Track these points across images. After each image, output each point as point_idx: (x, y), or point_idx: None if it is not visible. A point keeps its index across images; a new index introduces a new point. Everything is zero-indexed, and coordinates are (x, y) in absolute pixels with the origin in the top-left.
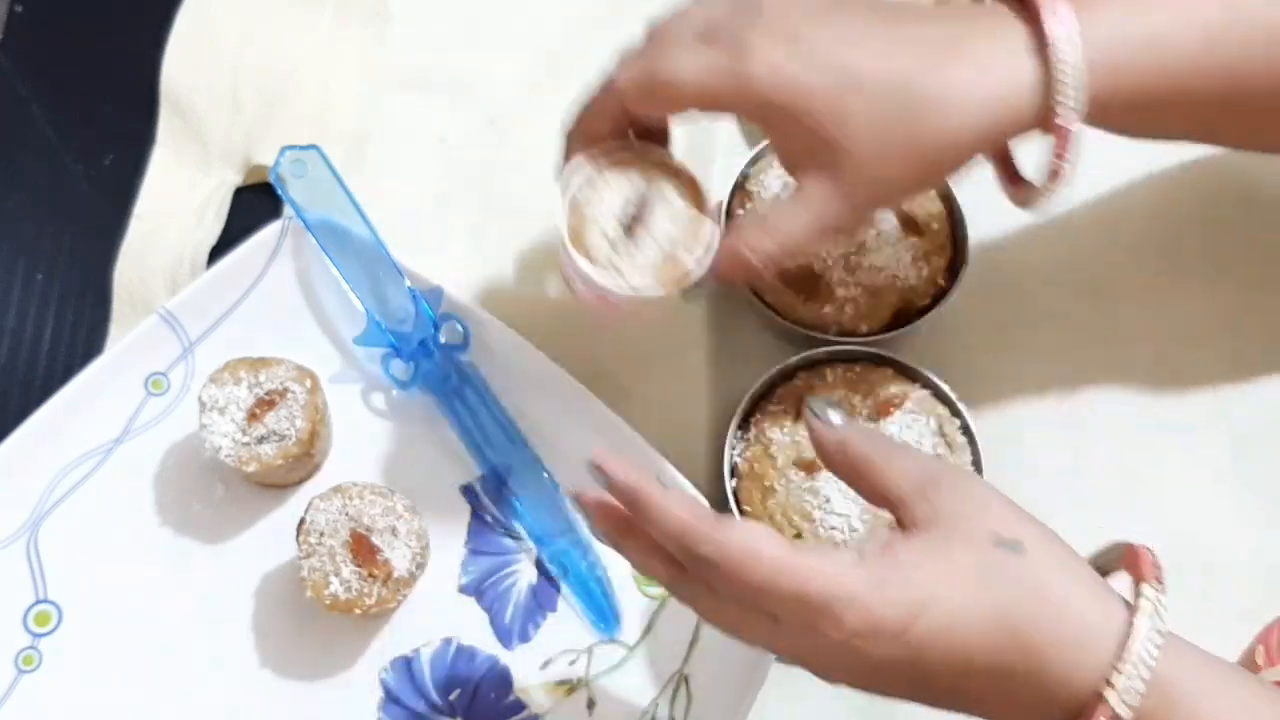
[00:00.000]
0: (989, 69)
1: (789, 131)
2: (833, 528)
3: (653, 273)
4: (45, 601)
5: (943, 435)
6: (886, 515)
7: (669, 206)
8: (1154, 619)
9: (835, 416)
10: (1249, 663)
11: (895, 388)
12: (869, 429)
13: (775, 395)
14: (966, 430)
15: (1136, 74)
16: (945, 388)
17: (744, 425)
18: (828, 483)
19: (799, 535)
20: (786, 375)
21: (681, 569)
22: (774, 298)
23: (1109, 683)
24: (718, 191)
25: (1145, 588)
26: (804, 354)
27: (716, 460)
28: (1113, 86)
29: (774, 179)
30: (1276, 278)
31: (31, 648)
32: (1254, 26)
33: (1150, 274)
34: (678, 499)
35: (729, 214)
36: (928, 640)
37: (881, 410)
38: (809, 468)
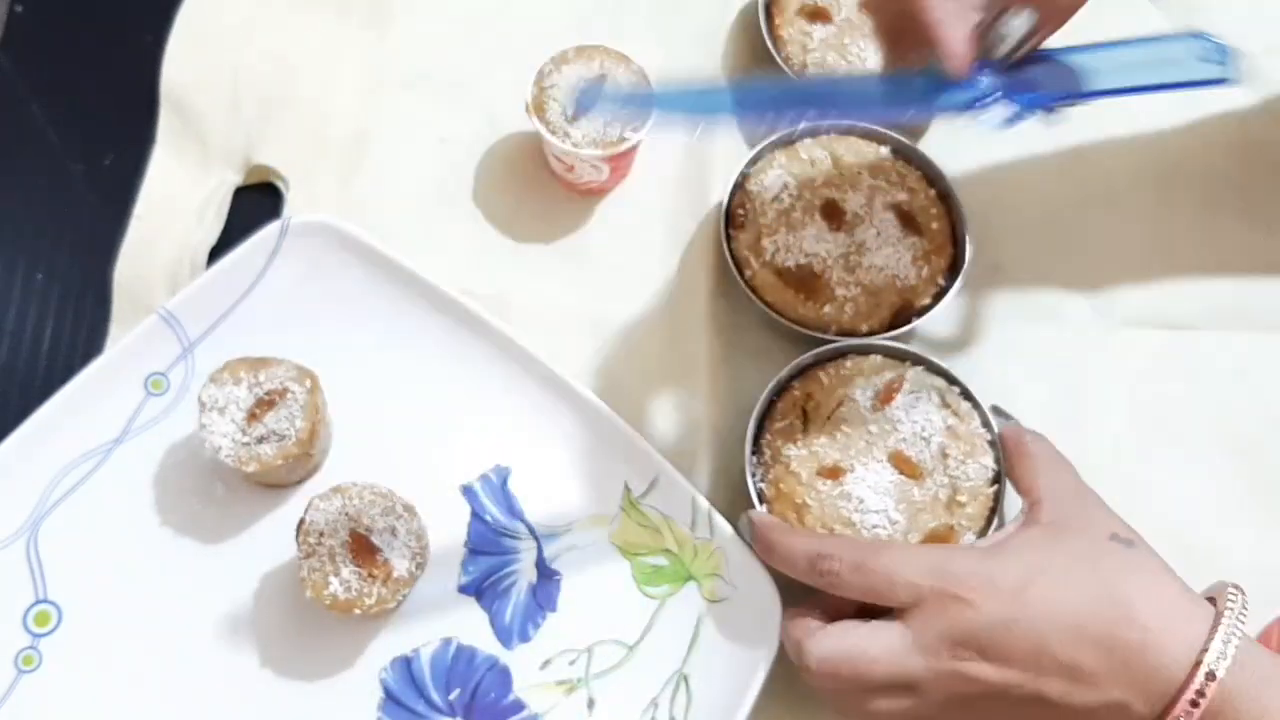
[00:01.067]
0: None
1: None
2: (875, 526)
3: (596, 138)
4: (45, 601)
5: (947, 405)
6: (919, 499)
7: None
8: (1239, 613)
9: (1015, 420)
10: None
11: (889, 372)
12: (1043, 436)
13: (777, 411)
14: (967, 395)
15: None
16: (934, 359)
17: (755, 449)
18: (857, 484)
19: None
20: (781, 388)
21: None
22: (774, 297)
23: (1202, 653)
24: (718, 191)
25: (1229, 589)
26: (793, 362)
27: (719, 461)
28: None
29: (773, 178)
30: (1276, 278)
31: (31, 648)
32: None
33: (1150, 274)
34: (802, 535)
35: (729, 214)
36: (1041, 601)
37: (884, 398)
38: (833, 474)
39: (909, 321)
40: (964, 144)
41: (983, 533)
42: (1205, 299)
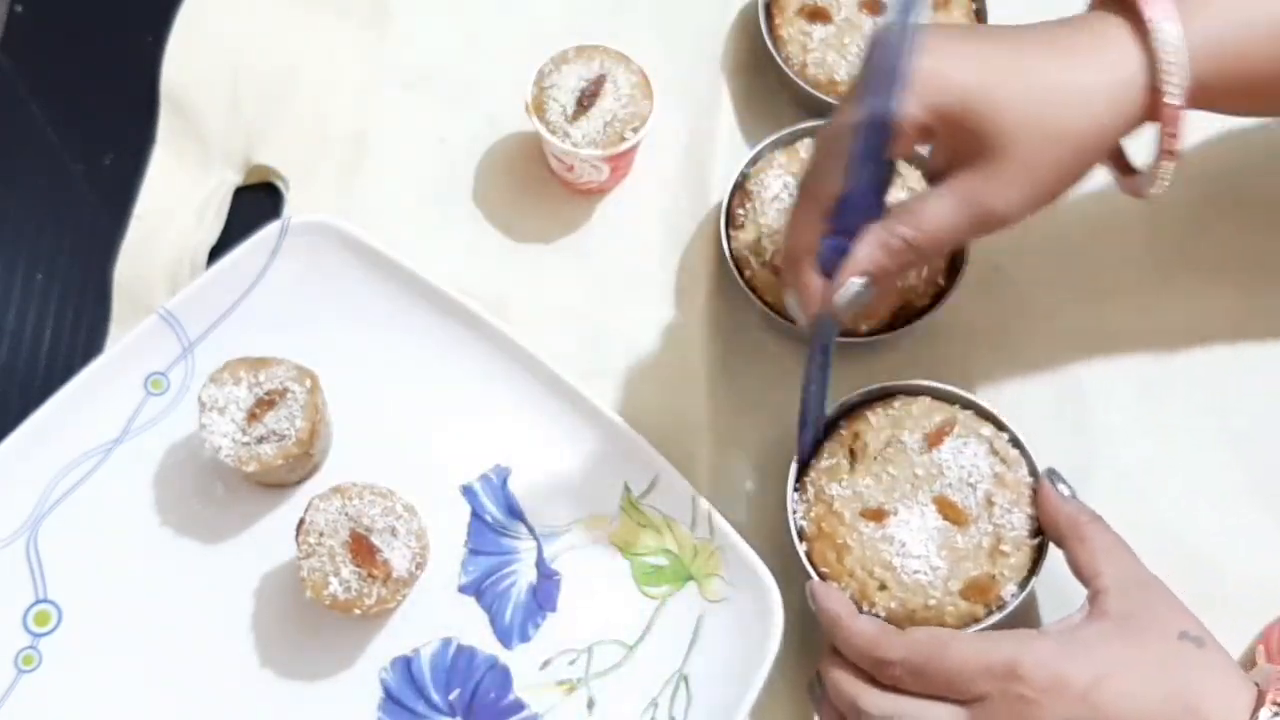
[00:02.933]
0: (1104, 66)
1: (946, 132)
2: (916, 571)
3: (596, 139)
4: (45, 601)
5: (995, 453)
6: (962, 545)
7: (616, 88)
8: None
9: (1066, 489)
10: (1248, 662)
11: (939, 415)
12: (1099, 517)
13: (824, 450)
14: (1016, 443)
15: (1239, 54)
16: (985, 404)
17: (798, 486)
18: (900, 527)
19: (883, 587)
20: (830, 425)
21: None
22: (774, 297)
23: None
24: (718, 191)
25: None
26: (840, 401)
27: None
28: (1217, 68)
29: (773, 178)
30: (1276, 278)
31: (31, 647)
32: None
33: (1149, 275)
34: (866, 621)
35: (729, 214)
36: (1110, 704)
37: (933, 441)
38: (877, 516)
39: (908, 322)
40: None
41: (1024, 584)
42: (1205, 300)
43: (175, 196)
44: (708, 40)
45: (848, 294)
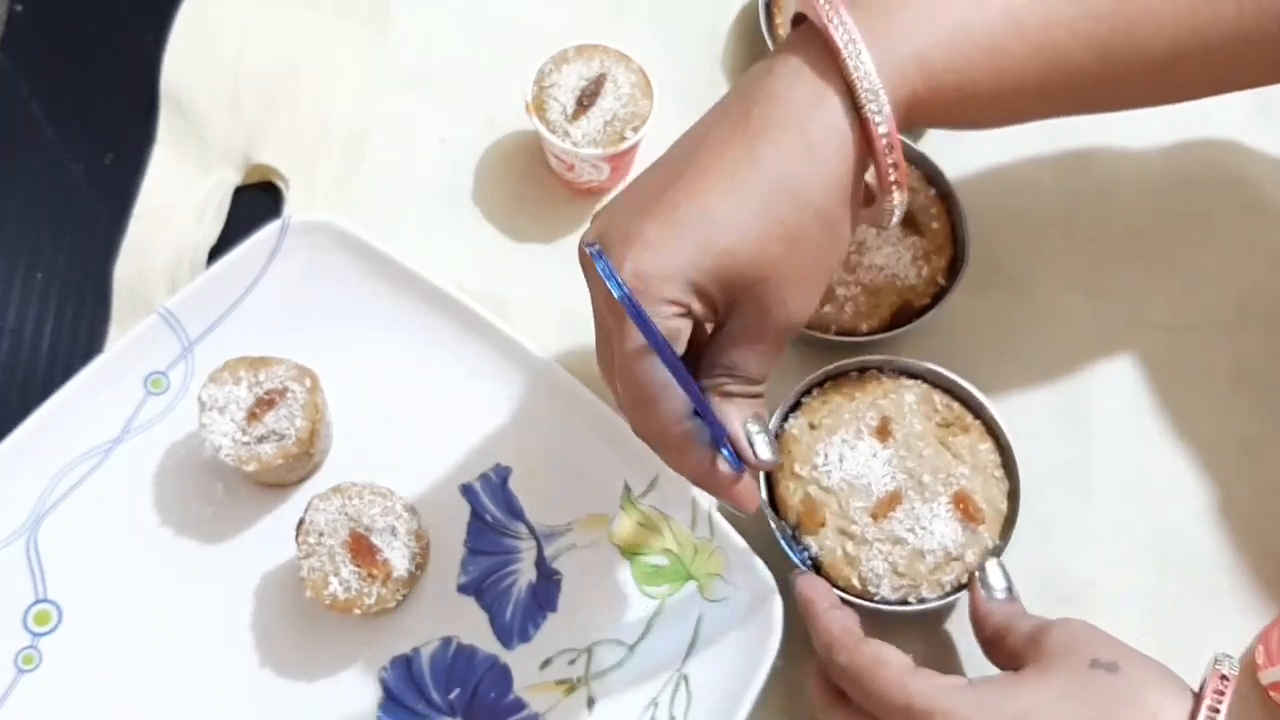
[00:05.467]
0: (805, 126)
1: (707, 298)
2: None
3: (596, 138)
4: (45, 601)
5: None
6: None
7: (616, 88)
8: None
9: (1000, 588)
10: (1249, 663)
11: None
12: (1015, 603)
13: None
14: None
15: (947, 67)
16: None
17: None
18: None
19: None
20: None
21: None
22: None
23: None
24: None
25: (1216, 678)
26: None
27: None
28: (927, 85)
29: None
30: (1278, 277)
31: (31, 647)
32: (1058, 3)
33: (1151, 275)
34: (838, 618)
35: None
36: None
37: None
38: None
39: (909, 321)
40: (964, 144)
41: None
42: (1206, 299)
43: (175, 196)
44: (708, 39)
45: (763, 445)
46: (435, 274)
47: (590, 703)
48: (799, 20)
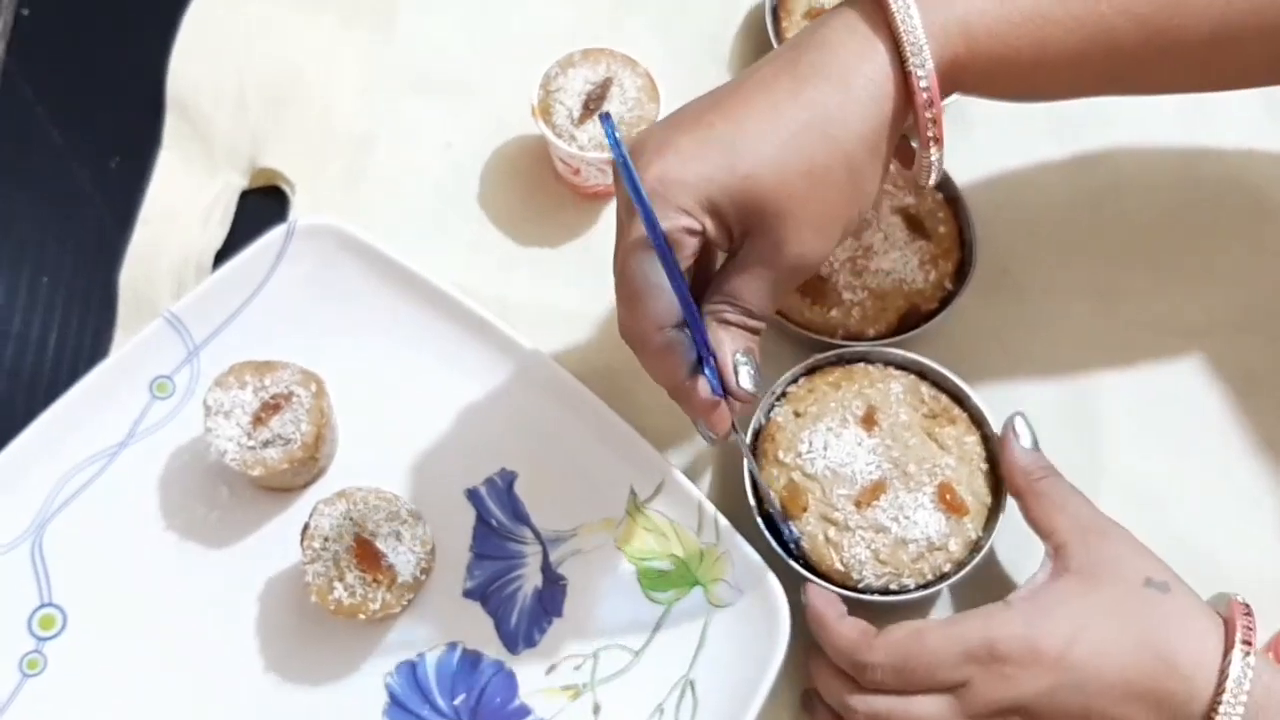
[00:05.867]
0: (849, 71)
1: (721, 221)
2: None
3: (602, 142)
4: (50, 605)
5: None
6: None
7: (622, 91)
8: (1243, 660)
9: (1028, 437)
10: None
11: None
12: (1053, 469)
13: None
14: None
15: (991, 33)
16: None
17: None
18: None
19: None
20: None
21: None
22: (781, 302)
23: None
24: None
25: (1238, 605)
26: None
27: (722, 463)
28: (968, 48)
29: None
30: None
31: (36, 651)
32: None
33: (1158, 278)
34: (850, 624)
35: None
36: (1086, 662)
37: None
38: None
39: (916, 325)
40: (971, 148)
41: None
42: (1214, 303)
43: (181, 200)
44: (714, 43)
45: (746, 376)
46: (440, 278)
47: (596, 709)
48: None
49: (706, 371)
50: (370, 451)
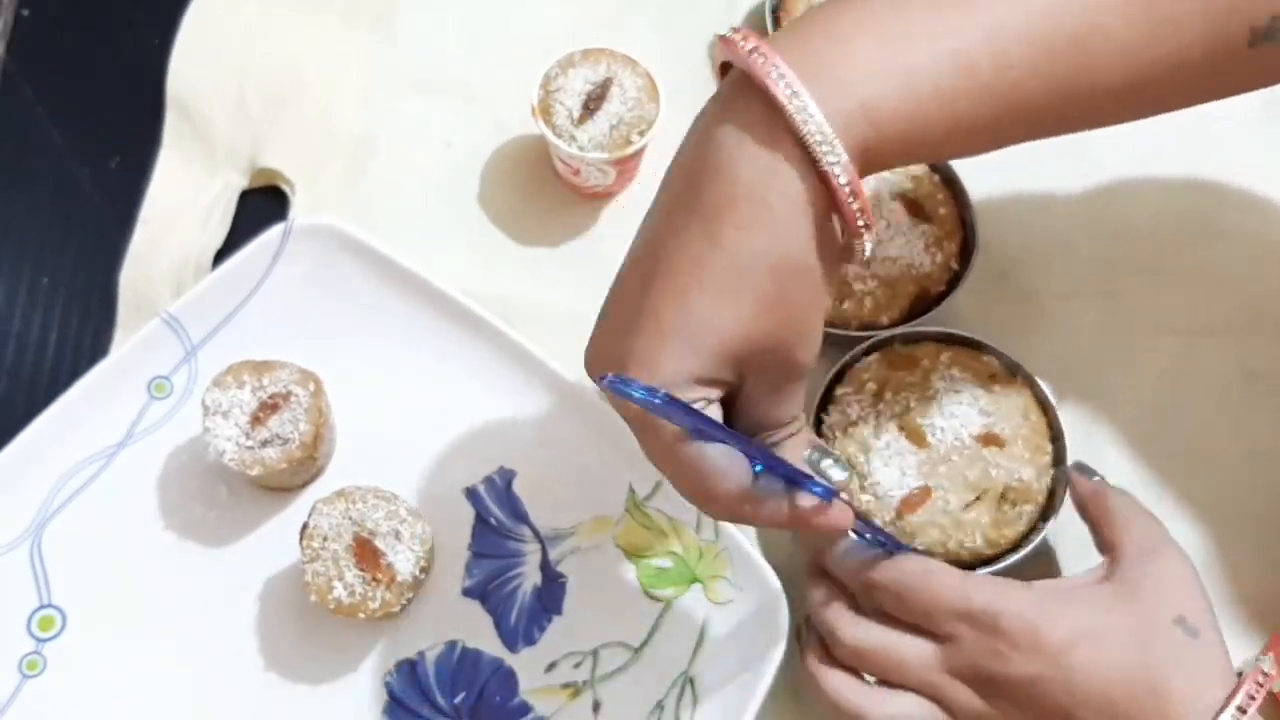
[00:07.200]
0: (762, 187)
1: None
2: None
3: (602, 142)
4: (49, 606)
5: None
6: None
7: (622, 91)
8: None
9: (1097, 478)
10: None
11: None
12: (1122, 490)
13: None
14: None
15: (897, 114)
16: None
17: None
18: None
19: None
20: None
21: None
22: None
23: None
24: None
25: (1257, 674)
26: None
27: None
28: (877, 134)
29: None
30: None
31: (35, 653)
32: (1011, 42)
33: (1161, 277)
34: (862, 544)
35: None
36: (1081, 666)
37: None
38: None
39: (927, 310)
40: None
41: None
42: (1218, 304)
43: (181, 200)
44: (714, 43)
45: (831, 466)
46: (439, 277)
47: (596, 706)
48: (726, 68)
49: (811, 490)
50: (369, 451)
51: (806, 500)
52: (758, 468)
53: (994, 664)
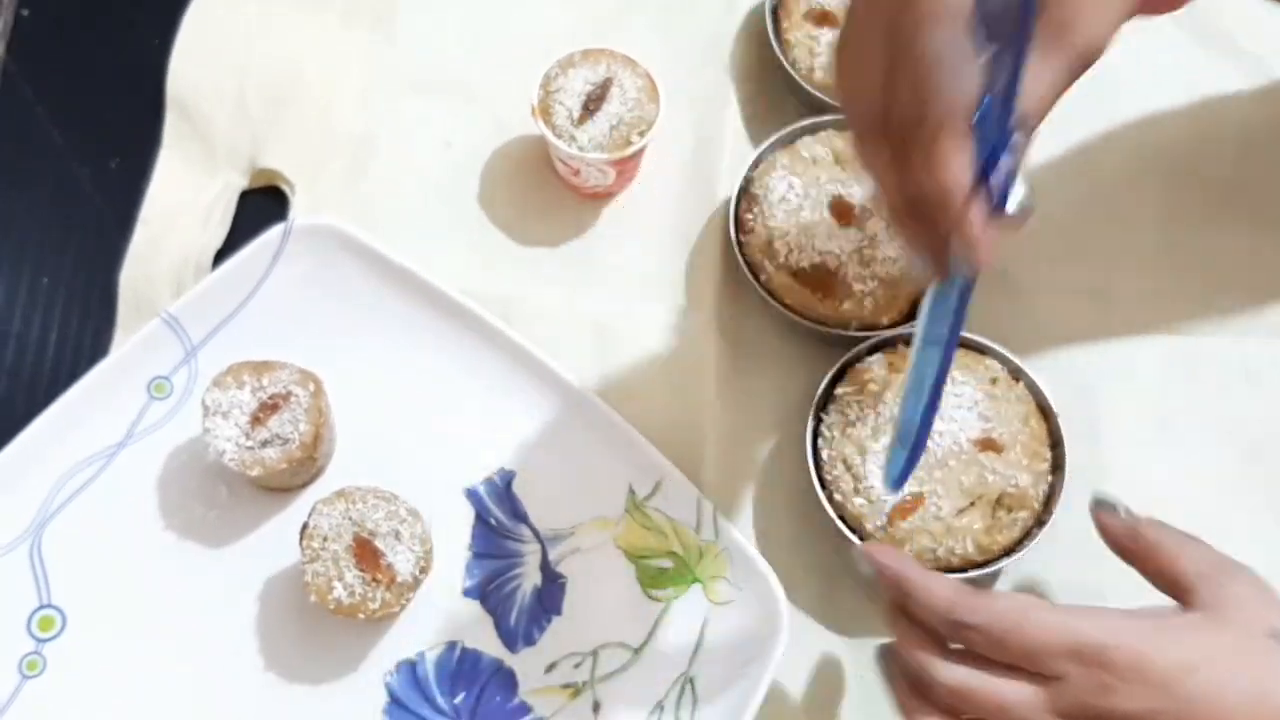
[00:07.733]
0: None
1: None
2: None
3: (602, 142)
4: (49, 606)
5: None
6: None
7: (622, 91)
8: None
9: (1122, 510)
10: None
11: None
12: (1157, 520)
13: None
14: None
15: None
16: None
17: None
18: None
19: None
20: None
21: (944, 648)
22: (793, 299)
23: None
24: (724, 195)
25: None
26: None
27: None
28: None
29: (778, 180)
30: None
31: (35, 653)
32: None
33: (1157, 279)
34: (939, 579)
35: (738, 219)
36: (1200, 696)
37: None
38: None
39: None
40: None
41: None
42: (1213, 303)
43: (181, 200)
44: (714, 43)
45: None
46: (439, 278)
47: (596, 706)
48: None
49: (991, 180)
50: (368, 451)
51: (978, 206)
52: (984, 105)
53: (1103, 699)
